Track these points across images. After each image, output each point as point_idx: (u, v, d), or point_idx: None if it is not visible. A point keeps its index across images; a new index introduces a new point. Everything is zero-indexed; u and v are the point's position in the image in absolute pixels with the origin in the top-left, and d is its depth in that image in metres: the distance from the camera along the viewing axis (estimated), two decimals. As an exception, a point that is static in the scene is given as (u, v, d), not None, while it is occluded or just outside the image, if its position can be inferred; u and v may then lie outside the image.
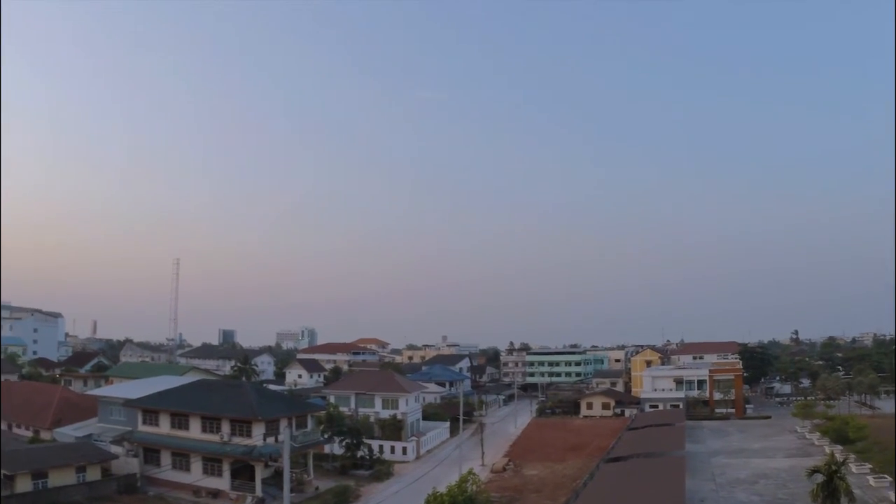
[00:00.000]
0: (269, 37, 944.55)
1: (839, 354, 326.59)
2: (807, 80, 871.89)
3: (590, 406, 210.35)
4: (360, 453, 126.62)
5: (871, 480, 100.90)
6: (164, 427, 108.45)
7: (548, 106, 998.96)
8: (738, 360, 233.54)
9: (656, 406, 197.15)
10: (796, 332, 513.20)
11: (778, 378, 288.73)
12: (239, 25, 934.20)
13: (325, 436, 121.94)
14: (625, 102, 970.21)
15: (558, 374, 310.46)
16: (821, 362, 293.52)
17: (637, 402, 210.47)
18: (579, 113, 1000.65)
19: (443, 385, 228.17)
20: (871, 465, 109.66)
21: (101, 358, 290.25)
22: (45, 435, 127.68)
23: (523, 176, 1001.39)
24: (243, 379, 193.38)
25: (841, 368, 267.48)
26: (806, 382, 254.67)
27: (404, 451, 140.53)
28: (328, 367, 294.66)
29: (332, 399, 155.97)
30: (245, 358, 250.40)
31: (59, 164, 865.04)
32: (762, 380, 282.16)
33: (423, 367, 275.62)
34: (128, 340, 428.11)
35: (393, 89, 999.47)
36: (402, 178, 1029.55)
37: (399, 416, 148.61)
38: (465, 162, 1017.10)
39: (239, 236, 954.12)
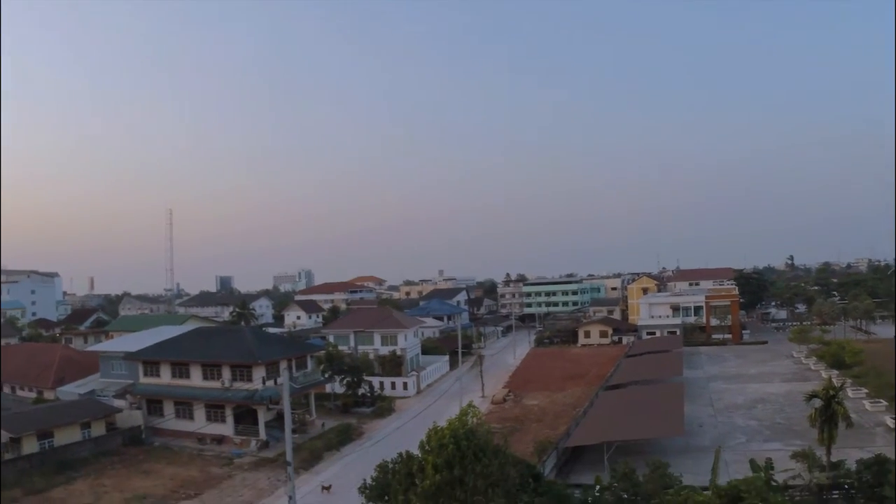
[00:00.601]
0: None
1: (834, 280, 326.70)
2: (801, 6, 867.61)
3: (587, 335, 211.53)
4: (360, 391, 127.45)
5: (867, 405, 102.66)
6: (166, 377, 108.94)
7: (541, 40, 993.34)
8: (734, 287, 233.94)
9: (653, 333, 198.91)
10: (791, 258, 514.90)
11: (774, 304, 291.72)
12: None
13: (326, 375, 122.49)
14: (618, 32, 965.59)
15: (555, 304, 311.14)
16: (816, 288, 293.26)
17: (634, 329, 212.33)
18: (574, 45, 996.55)
19: (441, 319, 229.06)
20: (867, 390, 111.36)
21: (99, 314, 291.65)
22: (48, 395, 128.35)
23: (516, 109, 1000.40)
24: (242, 324, 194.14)
25: (836, 294, 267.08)
26: (802, 308, 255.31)
27: (405, 386, 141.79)
28: (326, 307, 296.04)
29: (331, 338, 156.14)
30: (243, 303, 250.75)
31: (41, 120, 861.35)
32: (758, 305, 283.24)
33: (421, 303, 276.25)
34: (126, 294, 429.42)
35: (377, 23, 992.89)
36: (393, 113, 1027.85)
37: (398, 352, 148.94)
38: (456, 97, 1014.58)
39: (230, 182, 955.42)
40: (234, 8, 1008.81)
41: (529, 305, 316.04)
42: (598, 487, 58.19)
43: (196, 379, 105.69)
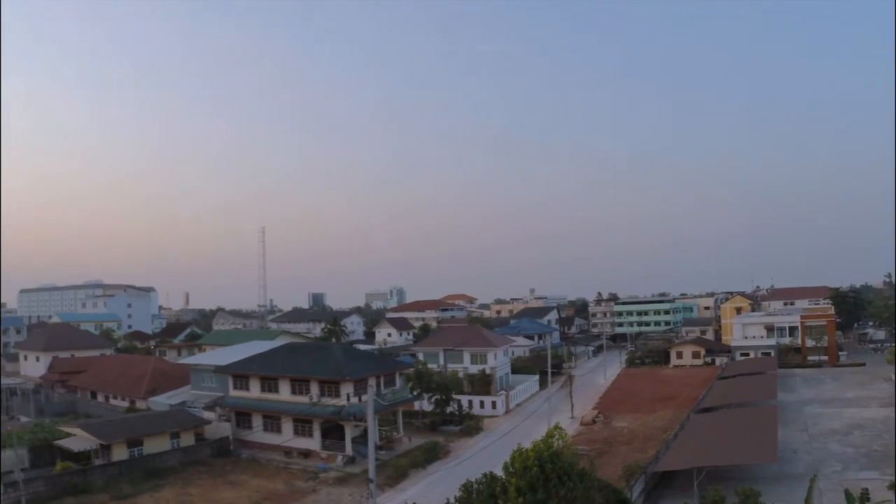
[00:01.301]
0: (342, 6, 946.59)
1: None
2: None
3: (679, 355, 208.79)
4: (449, 409, 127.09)
5: None
6: (255, 391, 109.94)
7: (621, 54, 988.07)
8: (829, 306, 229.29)
9: (747, 354, 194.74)
10: (889, 276, 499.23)
11: (872, 323, 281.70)
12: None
13: (414, 393, 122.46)
14: (699, 49, 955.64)
15: (647, 324, 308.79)
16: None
17: (727, 350, 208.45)
18: (664, 62, 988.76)
19: (531, 338, 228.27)
20: None
21: (193, 328, 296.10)
22: (140, 404, 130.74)
23: (608, 126, 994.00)
24: (333, 340, 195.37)
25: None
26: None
27: (493, 405, 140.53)
28: (417, 324, 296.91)
29: (420, 356, 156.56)
30: (334, 319, 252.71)
31: (142, 143, 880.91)
32: (855, 325, 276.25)
33: (511, 321, 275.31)
34: (220, 309, 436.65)
35: (456, 44, 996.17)
36: (482, 135, 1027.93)
37: (488, 371, 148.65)
38: (546, 115, 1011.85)
39: (325, 201, 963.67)
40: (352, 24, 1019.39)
41: (621, 325, 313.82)
42: (685, 515, 56.91)
43: (285, 393, 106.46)
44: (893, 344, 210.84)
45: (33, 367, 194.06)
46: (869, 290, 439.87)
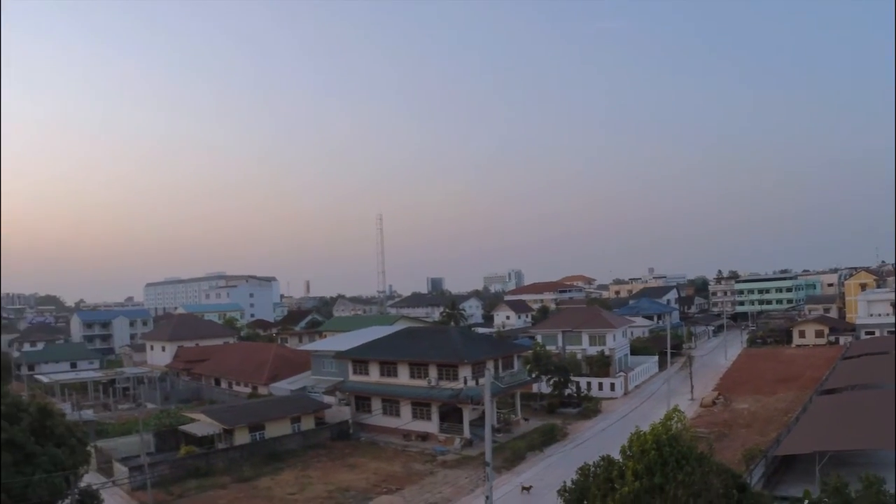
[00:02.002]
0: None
1: None
2: None
3: (802, 334, 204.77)
4: (567, 391, 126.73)
5: None
6: (374, 375, 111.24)
7: (733, 36, 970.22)
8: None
9: (872, 332, 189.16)
10: None
11: None
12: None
13: (532, 375, 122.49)
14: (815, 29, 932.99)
15: (769, 302, 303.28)
16: None
17: (852, 328, 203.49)
18: (767, 42, 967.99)
19: (650, 318, 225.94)
20: None
21: (314, 315, 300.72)
22: (262, 390, 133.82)
23: (723, 102, 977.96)
24: (451, 324, 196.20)
25: None
26: None
27: (612, 387, 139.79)
28: (535, 306, 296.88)
29: (538, 338, 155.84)
30: (452, 303, 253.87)
31: (262, 141, 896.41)
32: None
33: (630, 301, 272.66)
34: (340, 296, 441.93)
35: (563, 24, 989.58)
36: (597, 114, 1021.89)
37: (606, 352, 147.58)
38: (656, 93, 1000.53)
39: (441, 186, 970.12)
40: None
41: (742, 304, 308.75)
42: (806, 502, 55.75)
43: (403, 377, 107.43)
44: None
45: (159, 356, 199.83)
46: None
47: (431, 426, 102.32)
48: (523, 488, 77.56)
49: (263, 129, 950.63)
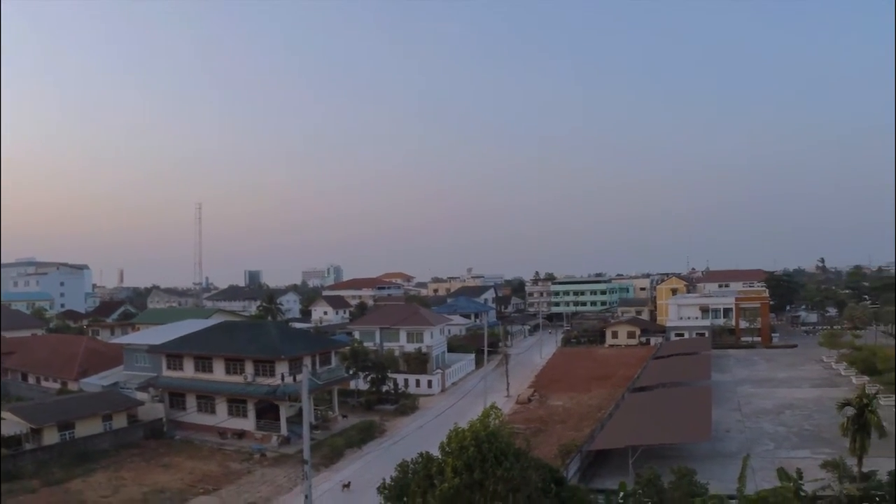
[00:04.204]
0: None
1: (866, 283, 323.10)
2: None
3: (615, 335, 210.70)
4: (385, 388, 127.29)
5: None
6: (189, 371, 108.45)
7: (570, 36, 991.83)
8: (764, 288, 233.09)
9: (682, 334, 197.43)
10: (822, 261, 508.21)
11: (804, 306, 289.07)
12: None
13: (350, 372, 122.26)
14: (640, 30, 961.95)
15: (583, 304, 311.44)
16: (847, 291, 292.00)
17: (662, 330, 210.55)
18: (601, 41, 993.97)
19: (468, 317, 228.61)
20: None
21: (127, 306, 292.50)
22: (72, 386, 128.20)
23: (546, 107, 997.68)
24: (268, 318, 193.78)
25: (868, 298, 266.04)
26: (832, 311, 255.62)
27: (429, 384, 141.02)
28: (353, 303, 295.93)
29: (356, 335, 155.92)
30: (270, 297, 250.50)
31: (74, 116, 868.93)
32: (788, 308, 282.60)
33: (448, 300, 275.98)
34: (154, 287, 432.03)
35: (401, 25, 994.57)
36: (424, 111, 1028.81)
37: (424, 350, 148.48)
38: (480, 95, 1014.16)
39: (261, 178, 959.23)
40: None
41: (557, 304, 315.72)
42: (621, 494, 57.02)
43: (219, 373, 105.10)
44: (825, 326, 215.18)
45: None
46: (802, 273, 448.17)
47: (248, 423, 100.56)
48: (343, 486, 77.31)
49: (70, 110, 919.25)
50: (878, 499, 56.41)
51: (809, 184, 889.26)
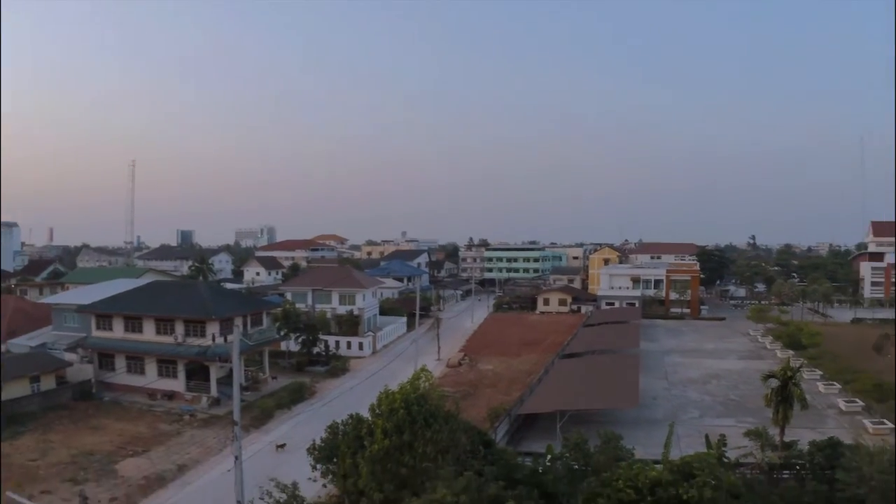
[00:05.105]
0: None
1: (795, 262, 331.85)
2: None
3: (546, 302, 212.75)
4: (316, 350, 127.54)
5: (821, 387, 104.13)
6: (118, 331, 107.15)
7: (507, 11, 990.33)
8: (695, 262, 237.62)
9: (613, 304, 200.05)
10: (753, 238, 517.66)
11: (734, 281, 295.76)
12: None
13: (281, 333, 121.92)
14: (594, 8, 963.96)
15: (516, 270, 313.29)
16: (776, 268, 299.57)
17: (594, 299, 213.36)
18: (564, 13, 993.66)
19: (401, 280, 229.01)
20: (821, 373, 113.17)
21: (57, 265, 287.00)
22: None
23: (486, 78, 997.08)
24: (200, 278, 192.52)
25: (796, 276, 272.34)
26: (761, 287, 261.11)
27: (361, 346, 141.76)
28: (286, 264, 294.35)
29: (289, 296, 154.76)
30: (202, 257, 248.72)
31: (7, 74, 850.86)
32: (718, 282, 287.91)
33: (382, 263, 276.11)
34: (84, 246, 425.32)
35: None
36: (354, 75, 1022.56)
37: (356, 312, 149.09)
38: (422, 64, 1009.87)
39: (198, 137, 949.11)
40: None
41: (490, 270, 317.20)
42: (549, 457, 57.75)
43: (149, 333, 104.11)
44: (753, 301, 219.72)
45: None
46: (733, 249, 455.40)
47: (178, 384, 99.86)
48: (277, 446, 77.71)
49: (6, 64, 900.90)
50: (798, 467, 58.10)
51: (744, 163, 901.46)
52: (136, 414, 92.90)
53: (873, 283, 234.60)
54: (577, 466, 54.38)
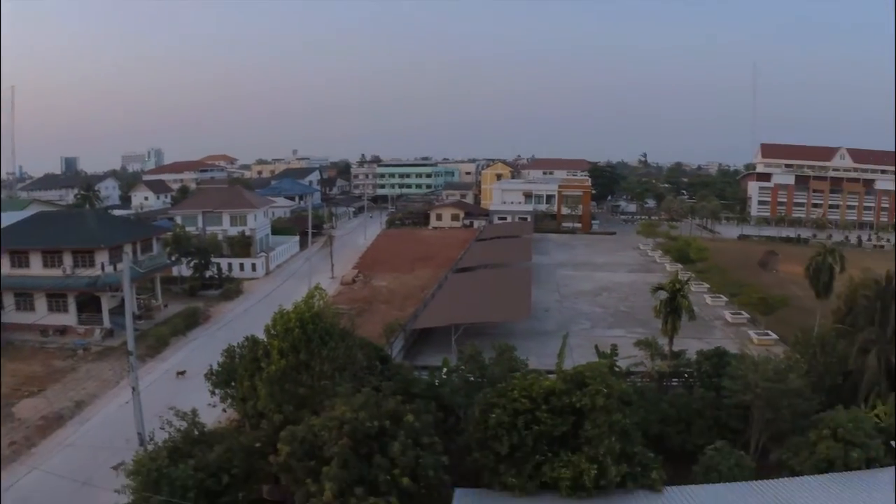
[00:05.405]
0: None
1: (685, 180, 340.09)
2: None
3: (439, 217, 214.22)
4: (208, 273, 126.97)
5: (708, 299, 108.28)
6: (5, 267, 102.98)
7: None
8: (587, 178, 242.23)
9: (505, 218, 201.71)
10: (644, 155, 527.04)
11: (625, 197, 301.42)
12: None
13: (172, 258, 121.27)
14: None
15: (409, 186, 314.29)
16: (667, 185, 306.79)
17: (486, 214, 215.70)
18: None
19: (292, 199, 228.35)
20: (708, 286, 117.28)
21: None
22: None
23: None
24: (86, 207, 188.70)
25: (686, 193, 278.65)
26: (651, 203, 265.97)
27: (254, 267, 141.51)
28: (175, 187, 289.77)
29: (178, 220, 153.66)
30: (87, 185, 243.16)
31: None
32: (609, 198, 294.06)
33: (273, 182, 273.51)
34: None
35: None
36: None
37: (247, 233, 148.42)
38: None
39: (77, 55, 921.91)
40: None
41: (383, 187, 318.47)
42: (444, 370, 58.63)
43: (36, 267, 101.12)
44: (643, 217, 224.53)
45: None
46: (625, 166, 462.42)
47: (69, 318, 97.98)
48: (178, 373, 78.17)
49: None
50: (686, 375, 60.23)
51: (636, 79, 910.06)
52: (29, 352, 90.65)
53: (760, 202, 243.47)
54: (472, 378, 55.36)
